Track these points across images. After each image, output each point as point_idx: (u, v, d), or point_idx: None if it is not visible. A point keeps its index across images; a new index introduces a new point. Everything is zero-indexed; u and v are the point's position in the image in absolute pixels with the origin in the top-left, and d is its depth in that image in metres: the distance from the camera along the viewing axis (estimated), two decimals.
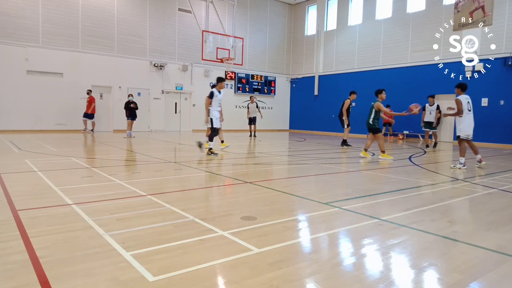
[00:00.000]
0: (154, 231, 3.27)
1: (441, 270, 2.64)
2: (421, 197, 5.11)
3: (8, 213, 3.70)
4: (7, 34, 15.51)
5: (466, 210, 4.51)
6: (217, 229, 3.34)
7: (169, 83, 19.99)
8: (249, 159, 9.41)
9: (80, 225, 3.38)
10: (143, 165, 7.73)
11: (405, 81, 18.41)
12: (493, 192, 5.55)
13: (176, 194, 5.01)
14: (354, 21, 21.09)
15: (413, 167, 8.32)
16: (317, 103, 23.21)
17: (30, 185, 5.16)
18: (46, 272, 2.38)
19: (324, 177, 6.76)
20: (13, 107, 15.73)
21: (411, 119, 18.13)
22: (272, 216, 3.87)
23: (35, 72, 16.20)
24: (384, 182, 6.20)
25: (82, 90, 17.29)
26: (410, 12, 18.24)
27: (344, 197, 4.93)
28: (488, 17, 15.28)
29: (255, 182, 5.77)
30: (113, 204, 4.26)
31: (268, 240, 3.11)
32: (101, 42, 17.74)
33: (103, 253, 2.74)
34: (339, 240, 3.33)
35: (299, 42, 24.57)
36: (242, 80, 22.67)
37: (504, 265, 2.76)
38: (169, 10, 19.58)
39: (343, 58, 21.59)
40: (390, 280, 2.46)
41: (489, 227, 3.71)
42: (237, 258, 2.70)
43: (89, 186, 5.34)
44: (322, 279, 2.43)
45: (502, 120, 15.09)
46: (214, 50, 18.51)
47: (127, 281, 2.30)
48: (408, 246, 3.11)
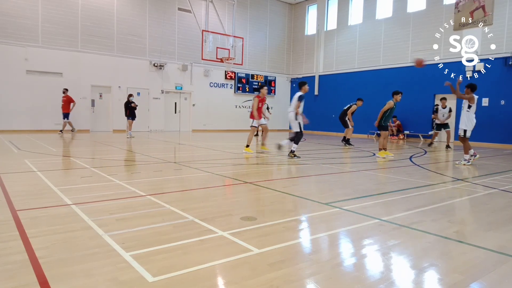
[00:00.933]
0: (154, 232, 3.26)
1: (442, 270, 2.64)
2: (421, 197, 5.10)
3: (7, 213, 3.69)
4: (7, 34, 15.50)
5: (467, 210, 4.50)
6: (217, 229, 3.34)
7: (169, 83, 19.98)
8: (249, 159, 9.40)
9: (79, 225, 3.38)
10: (143, 165, 7.73)
11: (405, 81, 18.40)
12: (493, 192, 5.54)
13: (176, 194, 5.00)
14: (354, 21, 21.08)
15: (413, 167, 8.31)
16: (317, 103, 23.19)
17: (30, 185, 5.15)
18: (45, 273, 2.38)
19: (324, 177, 6.75)
20: (13, 107, 15.72)
21: (412, 120, 18.14)
22: (272, 216, 3.86)
23: (35, 72, 16.19)
24: (385, 182, 6.19)
25: (82, 90, 17.30)
26: (411, 11, 18.23)
27: (345, 198, 4.92)
28: (488, 17, 15.27)
29: (255, 182, 5.76)
30: (113, 204, 4.25)
31: (268, 241, 3.10)
32: (100, 42, 17.73)
33: (102, 254, 2.73)
34: (340, 240, 3.33)
35: (299, 42, 24.56)
36: (242, 80, 22.67)
37: (504, 265, 2.75)
38: (169, 9, 19.57)
39: (343, 58, 21.58)
40: (391, 280, 2.45)
41: (490, 227, 3.71)
42: (237, 259, 2.70)
43: (88, 186, 5.33)
44: (323, 280, 2.42)
45: (502, 120, 15.09)
46: (214, 50, 18.49)
47: (126, 282, 2.29)
48: (408, 247, 3.10)
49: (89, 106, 17.73)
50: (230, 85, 22.41)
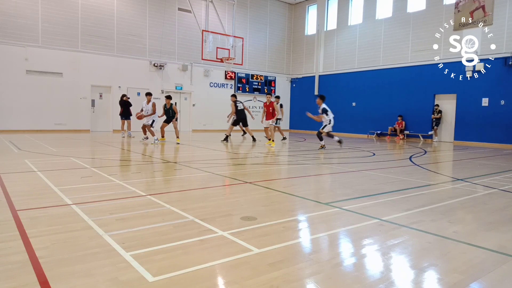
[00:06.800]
0: (154, 231, 3.26)
1: (442, 270, 2.64)
2: (421, 197, 5.10)
3: (7, 213, 3.69)
4: (7, 34, 15.50)
5: (467, 210, 4.50)
6: (217, 229, 3.34)
7: (169, 83, 19.98)
8: (249, 159, 9.40)
9: (79, 225, 3.38)
10: (143, 165, 7.73)
11: (405, 81, 18.41)
12: (493, 192, 5.54)
13: (176, 194, 5.01)
14: (355, 21, 21.08)
15: (413, 167, 8.31)
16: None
17: (30, 185, 5.15)
18: (45, 272, 2.38)
19: (324, 177, 6.75)
20: (13, 107, 15.73)
21: (412, 120, 18.14)
22: (272, 216, 3.86)
23: (35, 72, 16.19)
24: (384, 182, 6.19)
25: (82, 90, 17.31)
26: (411, 11, 18.24)
27: (344, 197, 4.92)
28: (488, 17, 15.26)
29: (255, 182, 5.76)
30: (113, 204, 4.25)
31: (268, 240, 3.10)
32: (100, 42, 17.73)
33: (102, 253, 2.73)
34: (339, 240, 3.33)
35: (299, 42, 24.57)
36: (242, 80, 22.67)
37: (504, 265, 2.75)
38: (169, 9, 19.57)
39: (343, 58, 21.58)
40: (391, 280, 2.45)
41: (490, 227, 3.71)
42: (237, 259, 2.70)
43: (88, 186, 5.33)
44: (322, 280, 2.42)
45: (502, 120, 15.09)
46: (214, 50, 18.49)
47: (126, 282, 2.29)
48: (408, 246, 3.10)
49: (89, 106, 17.74)
50: (230, 85, 22.42)
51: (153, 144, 12.03)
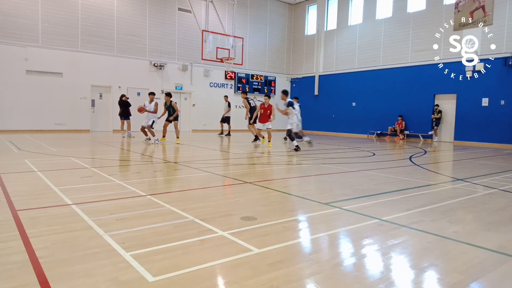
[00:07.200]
0: (154, 231, 3.26)
1: (442, 270, 2.64)
2: (421, 197, 5.10)
3: (7, 213, 3.69)
4: (7, 34, 15.50)
5: (467, 210, 4.50)
6: (217, 229, 3.34)
7: (169, 83, 19.97)
8: (249, 159, 9.40)
9: (79, 225, 3.38)
10: (143, 165, 7.73)
11: (405, 81, 18.41)
12: (493, 192, 5.54)
13: (176, 194, 5.01)
14: (355, 21, 21.09)
15: (413, 167, 8.31)
16: (317, 103, 23.19)
17: (30, 185, 5.15)
18: (45, 272, 2.38)
19: (324, 177, 6.75)
20: (13, 107, 15.72)
21: (412, 120, 18.14)
22: (272, 216, 3.86)
23: (35, 72, 16.19)
24: (384, 182, 6.19)
25: (82, 90, 17.30)
26: (411, 12, 18.24)
27: (344, 197, 4.92)
28: (488, 17, 15.27)
29: (255, 182, 5.76)
30: (113, 204, 4.25)
31: (268, 241, 3.10)
32: (100, 42, 17.73)
33: (102, 253, 2.73)
34: (339, 240, 3.33)
35: (299, 42, 24.57)
36: (242, 80, 22.66)
37: (504, 265, 2.75)
38: (169, 9, 19.57)
39: (343, 58, 21.59)
40: (391, 280, 2.45)
41: (490, 227, 3.71)
42: (237, 259, 2.70)
43: (88, 186, 5.33)
44: (322, 280, 2.42)
45: (502, 120, 15.09)
46: (214, 50, 18.49)
47: (126, 282, 2.29)
48: (408, 247, 3.10)
49: (89, 106, 17.73)
50: (230, 85, 22.42)
51: (153, 144, 12.04)
